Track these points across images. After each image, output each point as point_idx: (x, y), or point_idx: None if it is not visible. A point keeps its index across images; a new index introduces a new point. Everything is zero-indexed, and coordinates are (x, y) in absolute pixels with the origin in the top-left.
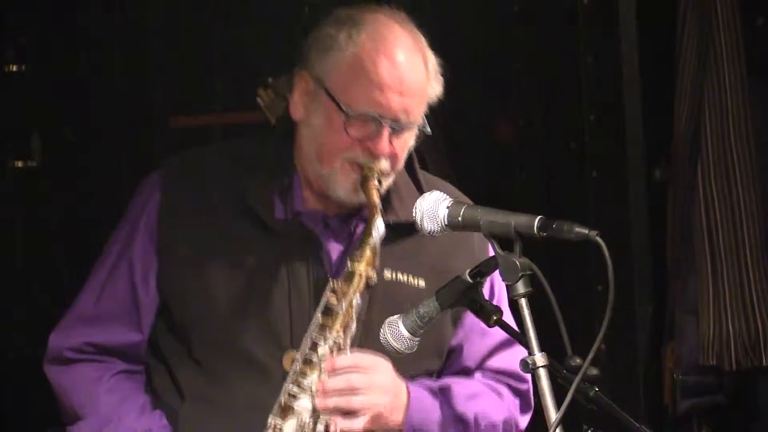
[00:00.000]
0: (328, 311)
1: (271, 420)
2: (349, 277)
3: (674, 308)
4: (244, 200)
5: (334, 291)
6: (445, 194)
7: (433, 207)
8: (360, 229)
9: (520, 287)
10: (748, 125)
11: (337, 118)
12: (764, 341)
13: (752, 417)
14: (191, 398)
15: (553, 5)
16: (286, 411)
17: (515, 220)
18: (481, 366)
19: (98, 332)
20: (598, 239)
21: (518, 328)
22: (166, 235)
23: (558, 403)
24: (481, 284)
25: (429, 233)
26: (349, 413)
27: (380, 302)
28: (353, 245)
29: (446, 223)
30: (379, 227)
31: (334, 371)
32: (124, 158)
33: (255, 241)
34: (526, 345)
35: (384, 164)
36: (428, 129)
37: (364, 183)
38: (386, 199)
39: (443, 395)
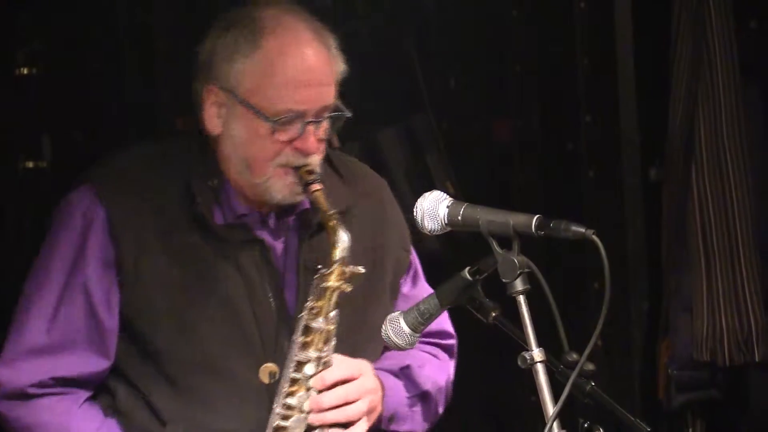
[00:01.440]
0: (308, 330)
1: None
2: (322, 293)
3: (669, 305)
4: (187, 209)
5: (311, 310)
6: (445, 194)
7: (434, 206)
8: (292, 220)
9: (519, 285)
10: (741, 126)
11: (259, 126)
12: (756, 337)
13: (745, 411)
14: (172, 422)
15: (551, 9)
16: None
17: (513, 219)
18: None
19: (62, 364)
20: (595, 238)
21: (510, 323)
22: (124, 257)
23: (555, 398)
24: (479, 282)
25: (429, 232)
26: (347, 423)
27: None
28: (294, 239)
29: (446, 222)
30: (342, 237)
31: (325, 387)
32: None
33: (205, 250)
34: (525, 341)
35: (314, 159)
36: (346, 111)
37: (306, 188)
38: None
39: (404, 375)
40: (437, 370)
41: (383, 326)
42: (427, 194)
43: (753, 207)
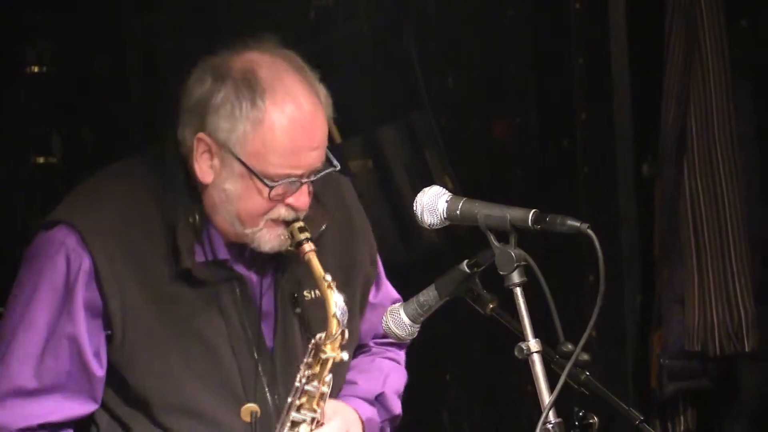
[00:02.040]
0: (304, 393)
1: None
2: (318, 362)
3: (661, 297)
4: (175, 251)
5: (307, 377)
6: (443, 189)
7: (433, 201)
8: (265, 254)
9: (515, 277)
10: (731, 123)
11: (255, 185)
12: (746, 328)
13: (734, 399)
14: None
15: (547, 10)
16: None
17: (510, 213)
18: (373, 337)
19: (51, 409)
20: (590, 232)
21: (507, 314)
22: (113, 309)
23: (551, 387)
24: (477, 274)
25: (429, 226)
26: None
27: (313, 321)
28: (271, 268)
29: (445, 216)
30: (340, 304)
31: None
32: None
33: (186, 295)
34: (521, 332)
35: (307, 211)
36: (336, 164)
37: (298, 248)
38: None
39: (379, 402)
40: (398, 376)
41: (384, 318)
42: (426, 189)
43: (743, 202)
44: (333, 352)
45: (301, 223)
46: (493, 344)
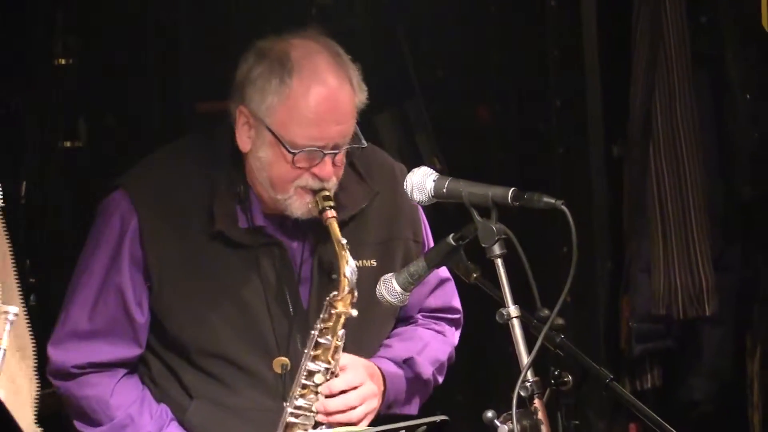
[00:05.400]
0: (318, 345)
1: None
2: (331, 317)
3: (630, 266)
4: (211, 215)
5: (321, 330)
6: (431, 169)
7: (422, 180)
8: (309, 222)
9: (496, 249)
10: (693, 108)
11: (283, 153)
12: (707, 294)
13: (697, 358)
14: (198, 397)
15: (524, 7)
16: (291, 427)
17: (492, 191)
18: (421, 309)
19: (99, 350)
20: (564, 207)
21: (490, 283)
22: (152, 262)
23: (529, 349)
24: (462, 246)
25: (418, 203)
26: (349, 424)
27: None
28: (311, 239)
29: (432, 194)
30: (351, 265)
31: (331, 394)
32: (157, 140)
33: (226, 253)
34: (502, 299)
35: (332, 182)
36: (363, 142)
37: (321, 214)
38: (335, 198)
39: (407, 366)
40: (441, 346)
41: (377, 286)
42: (416, 169)
43: (703, 179)
44: (344, 308)
45: (326, 193)
46: (478, 310)
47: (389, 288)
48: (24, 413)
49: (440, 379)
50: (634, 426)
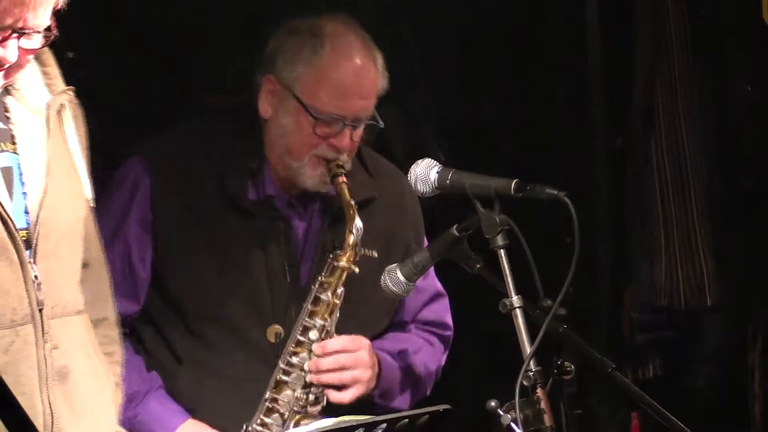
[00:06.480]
0: (317, 300)
1: (268, 394)
2: (333, 271)
3: (631, 258)
4: (222, 184)
5: (321, 284)
6: (435, 161)
7: (426, 172)
8: (317, 206)
9: (500, 240)
10: (693, 99)
11: (305, 120)
12: (708, 284)
13: (698, 349)
14: (187, 361)
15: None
16: (281, 385)
17: (495, 182)
18: (414, 318)
19: None
20: (566, 199)
21: (493, 273)
22: (159, 221)
23: (532, 339)
24: (465, 237)
25: (422, 194)
26: (339, 387)
27: None
28: (317, 221)
29: (436, 185)
30: (357, 225)
31: (325, 353)
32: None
33: (233, 222)
34: (505, 289)
35: (346, 156)
36: (380, 122)
37: (333, 179)
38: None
39: (400, 358)
40: (430, 356)
41: (382, 276)
42: (419, 161)
43: (704, 170)
44: (346, 264)
45: (339, 161)
46: (483, 301)
47: (393, 278)
48: (106, 416)
49: (428, 391)
50: (635, 415)
